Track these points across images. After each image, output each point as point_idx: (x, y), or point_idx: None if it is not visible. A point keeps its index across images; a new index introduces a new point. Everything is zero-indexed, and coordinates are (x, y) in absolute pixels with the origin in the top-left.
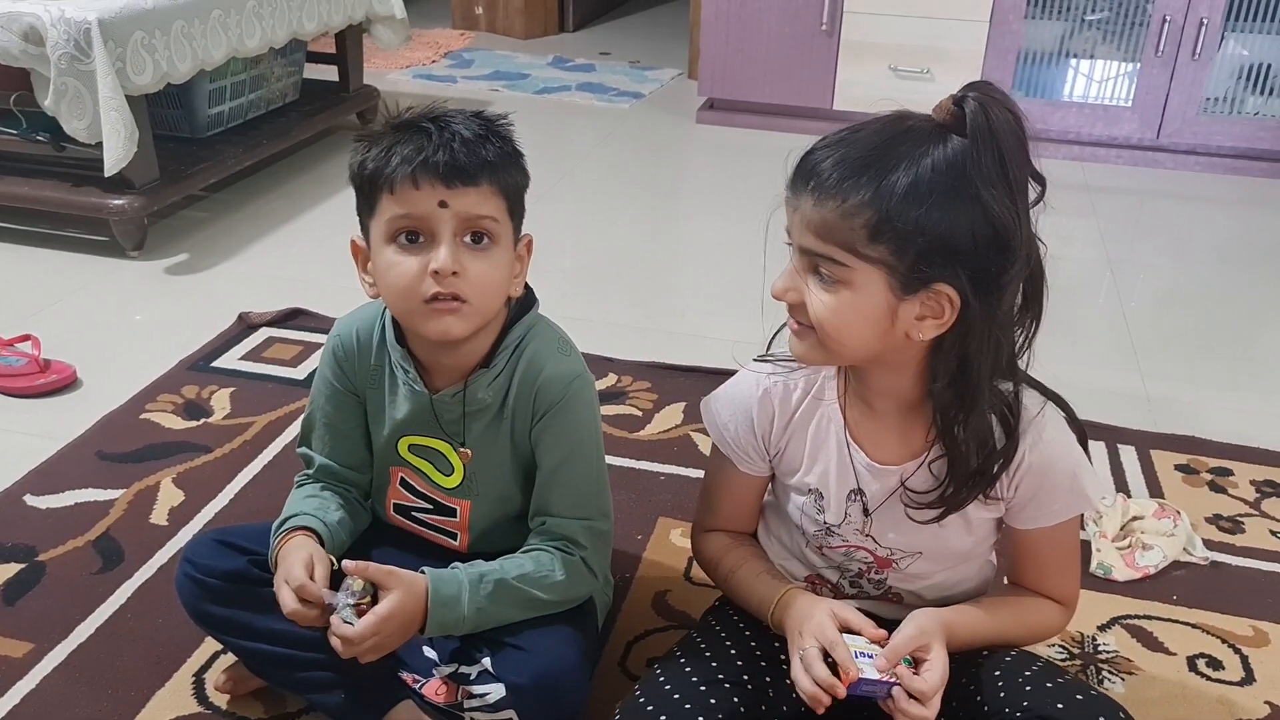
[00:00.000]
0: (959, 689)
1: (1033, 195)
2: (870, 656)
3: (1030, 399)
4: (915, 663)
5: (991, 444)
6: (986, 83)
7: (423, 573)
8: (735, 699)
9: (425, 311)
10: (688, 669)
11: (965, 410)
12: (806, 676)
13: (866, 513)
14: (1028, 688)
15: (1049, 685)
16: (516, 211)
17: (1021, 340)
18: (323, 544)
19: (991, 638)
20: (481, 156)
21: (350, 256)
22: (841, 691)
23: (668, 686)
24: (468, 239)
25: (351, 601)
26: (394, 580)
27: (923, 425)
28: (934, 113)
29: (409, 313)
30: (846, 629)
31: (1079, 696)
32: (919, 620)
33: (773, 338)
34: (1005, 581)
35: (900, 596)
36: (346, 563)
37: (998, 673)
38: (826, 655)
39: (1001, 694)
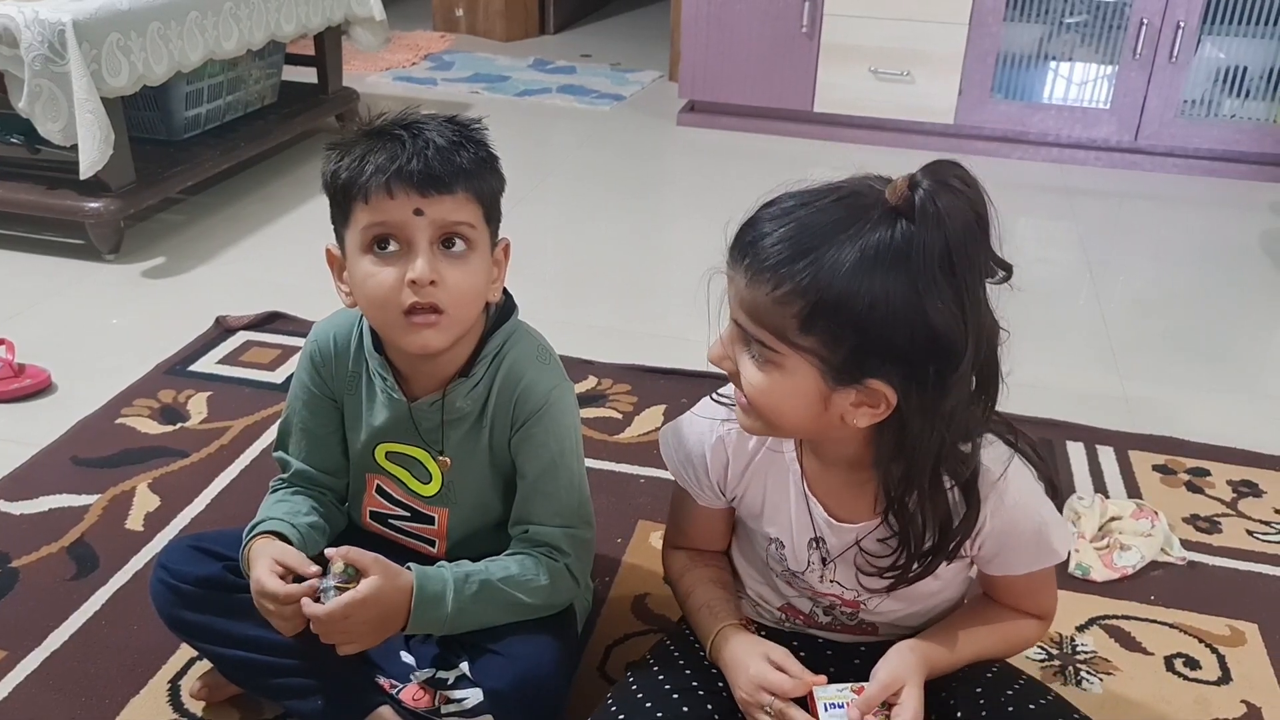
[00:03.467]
0: (938, 704)
1: (999, 275)
2: (841, 707)
3: (992, 457)
4: (888, 706)
5: (949, 517)
6: (950, 163)
7: (409, 568)
8: (709, 706)
9: (404, 324)
10: (660, 676)
11: (912, 488)
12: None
13: (825, 561)
14: (1010, 708)
15: (1031, 706)
16: (493, 216)
17: (980, 409)
18: (293, 545)
19: (971, 659)
20: (456, 164)
21: (327, 265)
22: None
23: (640, 694)
24: (444, 246)
25: (334, 583)
26: (378, 567)
27: (878, 487)
28: (887, 194)
29: (387, 324)
30: (780, 669)
31: None
32: (893, 663)
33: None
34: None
35: (875, 627)
36: (330, 550)
37: (979, 689)
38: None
39: (983, 714)
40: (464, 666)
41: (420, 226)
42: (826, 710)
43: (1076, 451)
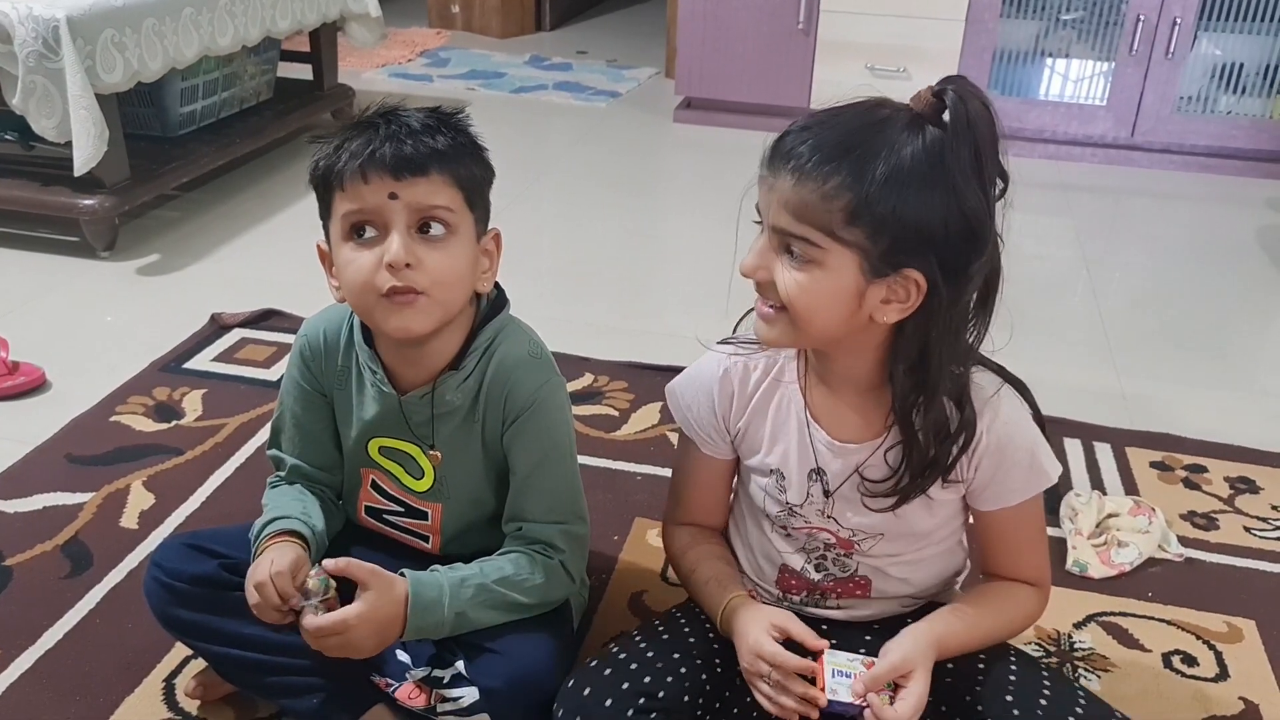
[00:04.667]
0: (955, 700)
1: (997, 190)
2: (848, 676)
3: (986, 379)
4: (895, 686)
5: (947, 429)
6: (962, 77)
7: (403, 575)
8: (703, 676)
9: (384, 306)
10: (665, 637)
11: (924, 395)
12: (782, 700)
13: (827, 493)
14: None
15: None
16: (476, 204)
17: (974, 333)
18: (309, 548)
19: (978, 642)
20: (430, 146)
21: (319, 261)
22: (822, 701)
23: (622, 656)
24: (422, 230)
25: (316, 601)
26: (375, 580)
27: (882, 407)
28: (912, 102)
29: (368, 309)
30: (788, 639)
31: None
32: (904, 646)
33: (739, 322)
34: (980, 576)
35: (868, 581)
36: (326, 561)
37: (1010, 698)
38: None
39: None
40: (460, 665)
41: (395, 210)
42: (834, 676)
43: (1074, 448)
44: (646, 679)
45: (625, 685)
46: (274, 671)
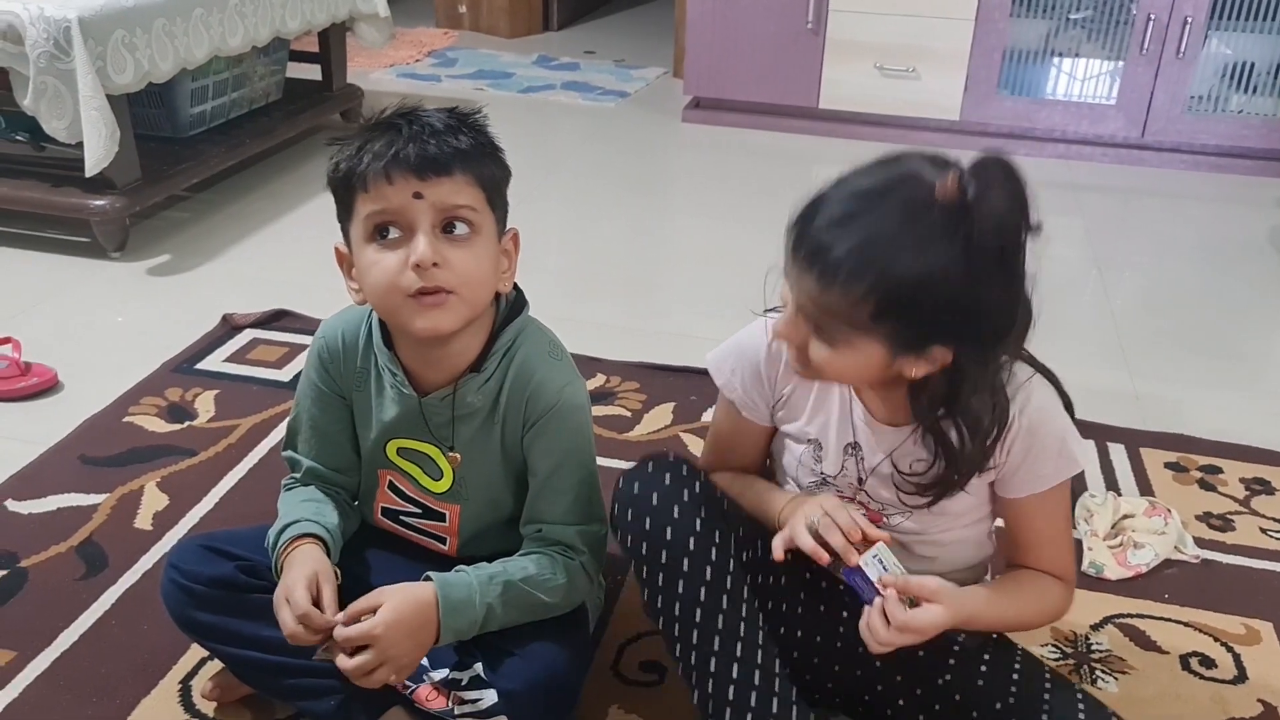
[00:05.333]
0: (971, 690)
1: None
2: (886, 571)
3: (1018, 366)
4: (914, 603)
5: (981, 426)
6: (993, 159)
7: (428, 578)
8: (731, 555)
9: (411, 307)
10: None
11: (952, 416)
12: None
13: (861, 476)
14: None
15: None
16: (497, 204)
17: (1007, 362)
18: (328, 551)
19: (998, 623)
20: (453, 145)
21: (336, 263)
22: (824, 558)
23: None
24: (447, 230)
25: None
26: (383, 595)
27: (896, 390)
28: (938, 193)
29: (394, 310)
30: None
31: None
32: (939, 580)
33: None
34: (1005, 567)
35: None
36: (340, 630)
37: (1013, 689)
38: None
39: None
40: (479, 667)
41: (420, 210)
42: (874, 558)
43: (1088, 450)
44: (716, 492)
45: (698, 487)
46: (292, 674)
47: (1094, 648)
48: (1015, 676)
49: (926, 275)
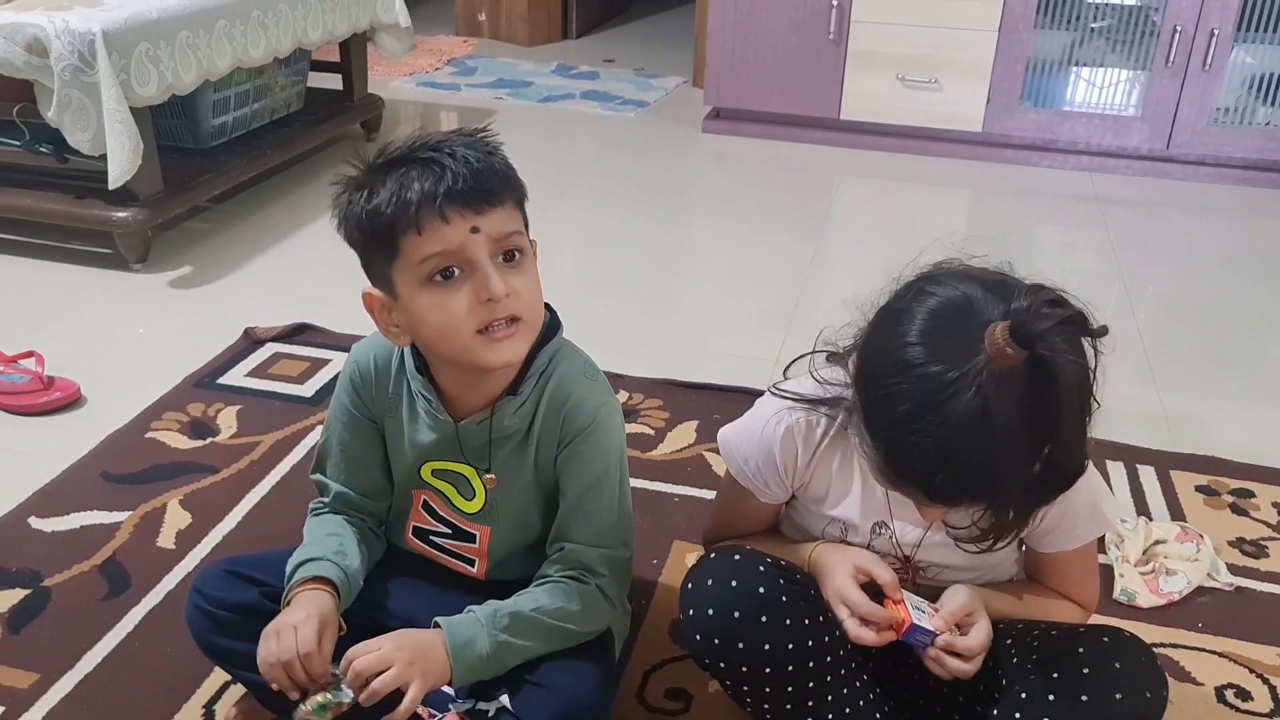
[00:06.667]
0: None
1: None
2: (924, 613)
3: None
4: (959, 627)
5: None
6: (1055, 301)
7: (436, 624)
8: (805, 585)
9: (483, 344)
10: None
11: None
12: (863, 629)
13: (897, 549)
14: (1035, 642)
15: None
16: (527, 221)
17: None
18: (339, 596)
19: (1017, 617)
20: (498, 174)
21: (365, 309)
22: (885, 631)
23: (746, 548)
24: (502, 259)
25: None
26: (390, 653)
27: None
28: (991, 351)
29: (463, 349)
30: (871, 578)
31: (1104, 638)
32: (961, 595)
33: (788, 367)
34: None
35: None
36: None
37: (1009, 642)
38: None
39: (1012, 652)
40: (504, 699)
41: (479, 244)
42: (913, 609)
43: (1117, 471)
44: (782, 562)
45: (769, 559)
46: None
47: None
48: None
49: (1005, 466)
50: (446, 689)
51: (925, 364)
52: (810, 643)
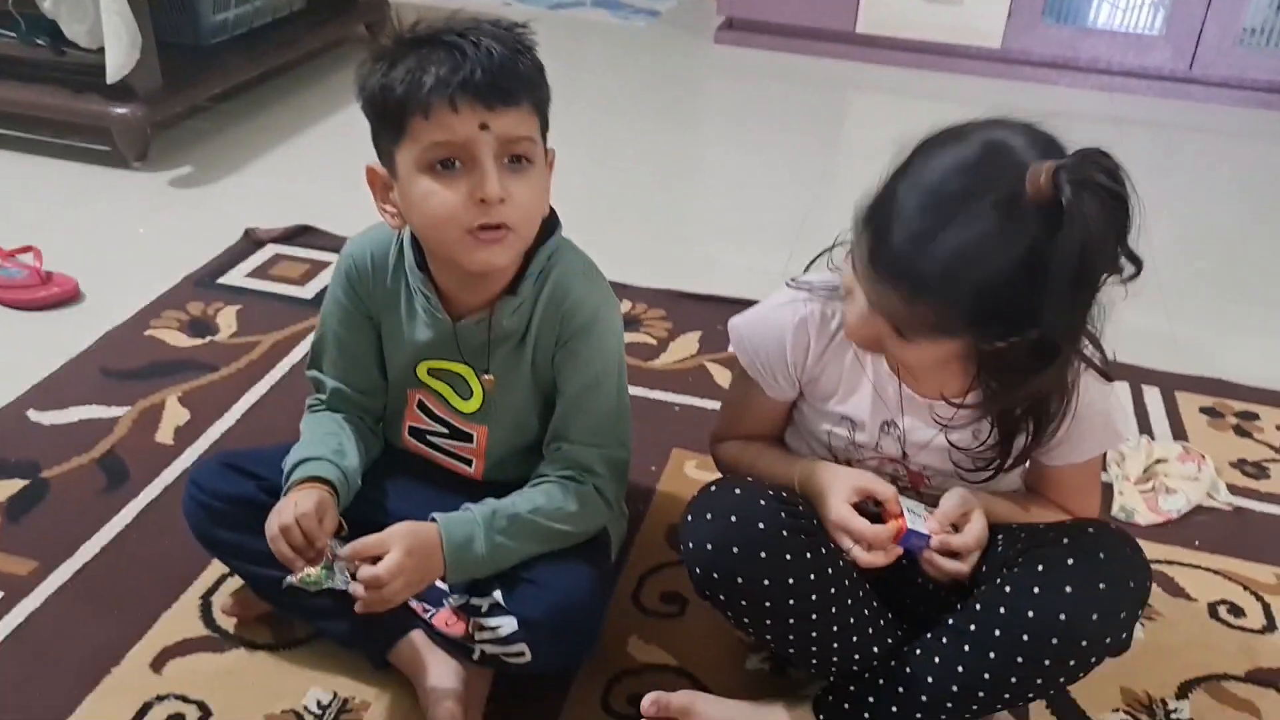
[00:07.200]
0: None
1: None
2: (920, 517)
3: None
4: (954, 527)
5: (1046, 411)
6: (1096, 152)
7: (433, 520)
8: (807, 517)
9: (468, 242)
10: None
11: (1019, 405)
12: (872, 555)
13: (902, 447)
14: (1021, 533)
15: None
16: (545, 128)
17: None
18: (337, 494)
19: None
20: (519, 74)
21: (366, 183)
22: (892, 547)
23: (749, 481)
24: (507, 162)
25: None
26: (390, 538)
27: (970, 370)
28: (1028, 186)
29: (449, 243)
30: (870, 497)
31: (1089, 529)
32: (959, 493)
33: (811, 262)
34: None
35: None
36: (341, 551)
37: (999, 534)
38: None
39: (999, 545)
40: (497, 594)
41: (485, 141)
42: (909, 513)
43: (1121, 391)
44: (784, 493)
45: (770, 492)
46: (310, 593)
47: None
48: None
49: (1010, 287)
50: (440, 584)
51: (946, 181)
52: (812, 576)
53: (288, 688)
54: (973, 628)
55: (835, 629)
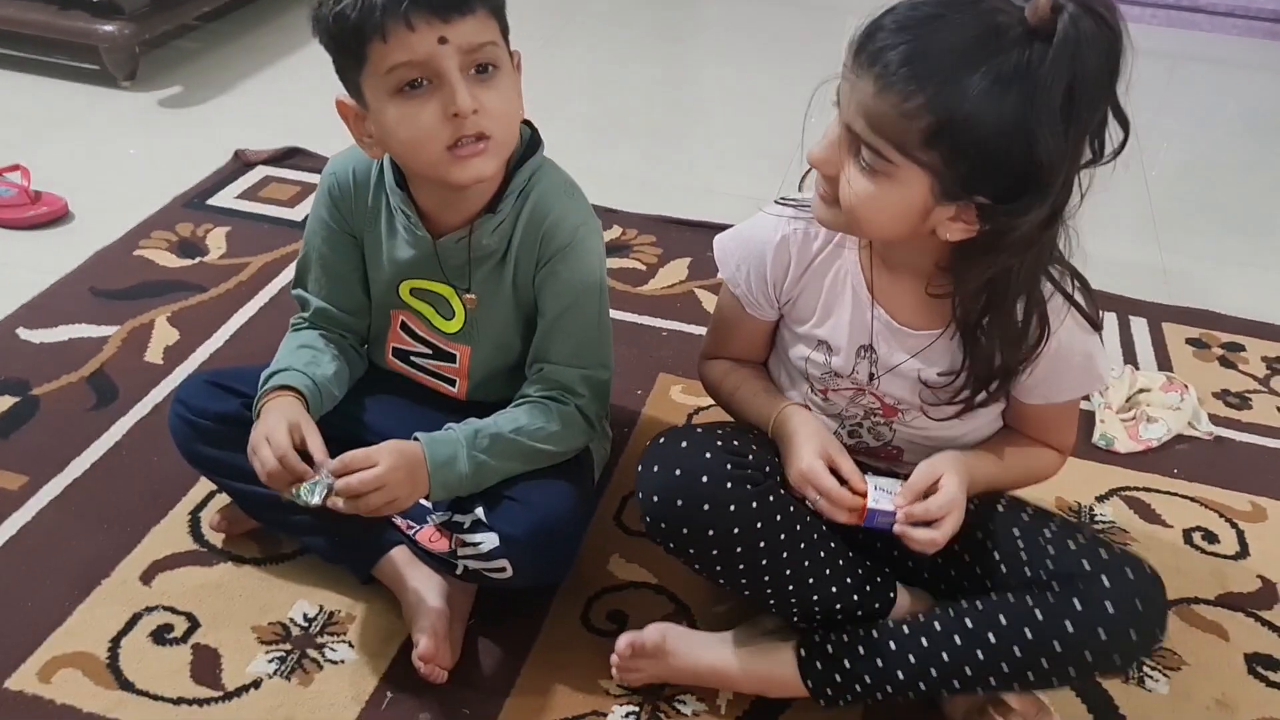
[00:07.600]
0: (974, 544)
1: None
2: (889, 494)
3: (1048, 289)
4: (926, 494)
5: (1018, 338)
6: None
7: (416, 439)
8: (773, 452)
9: (450, 159)
10: (716, 427)
11: (990, 311)
12: (833, 508)
13: (873, 375)
14: (1050, 549)
15: (1070, 545)
16: (506, 30)
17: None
18: (308, 404)
19: (996, 482)
20: None
21: (340, 117)
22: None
23: (701, 429)
24: (474, 72)
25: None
26: (378, 453)
27: (946, 298)
28: (1028, 12)
29: (432, 164)
30: (834, 471)
31: (1103, 553)
32: (933, 460)
33: (802, 179)
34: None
35: (900, 451)
36: (329, 463)
37: (1016, 531)
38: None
39: (1023, 554)
40: (480, 512)
41: (447, 55)
42: (875, 490)
43: (1109, 322)
44: (735, 442)
45: (719, 444)
46: (294, 509)
47: (1097, 518)
48: (1025, 518)
49: (991, 100)
50: (424, 502)
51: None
52: (759, 524)
53: (275, 601)
54: (969, 623)
55: (790, 574)
